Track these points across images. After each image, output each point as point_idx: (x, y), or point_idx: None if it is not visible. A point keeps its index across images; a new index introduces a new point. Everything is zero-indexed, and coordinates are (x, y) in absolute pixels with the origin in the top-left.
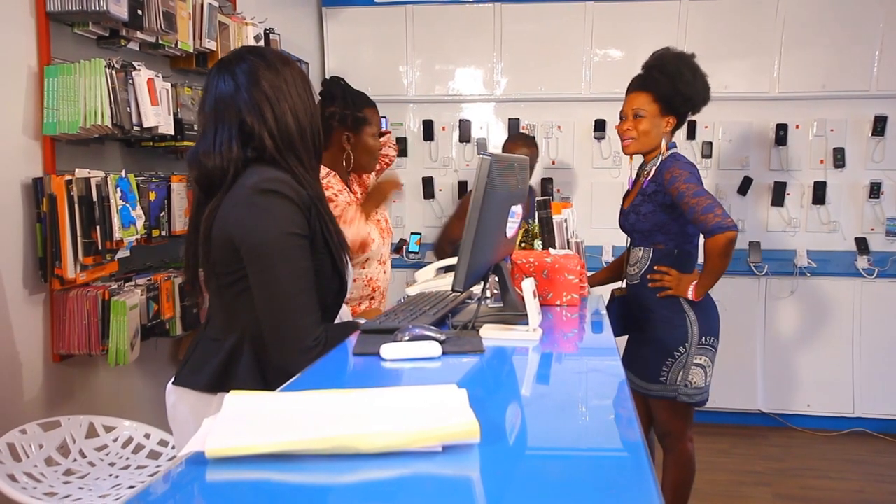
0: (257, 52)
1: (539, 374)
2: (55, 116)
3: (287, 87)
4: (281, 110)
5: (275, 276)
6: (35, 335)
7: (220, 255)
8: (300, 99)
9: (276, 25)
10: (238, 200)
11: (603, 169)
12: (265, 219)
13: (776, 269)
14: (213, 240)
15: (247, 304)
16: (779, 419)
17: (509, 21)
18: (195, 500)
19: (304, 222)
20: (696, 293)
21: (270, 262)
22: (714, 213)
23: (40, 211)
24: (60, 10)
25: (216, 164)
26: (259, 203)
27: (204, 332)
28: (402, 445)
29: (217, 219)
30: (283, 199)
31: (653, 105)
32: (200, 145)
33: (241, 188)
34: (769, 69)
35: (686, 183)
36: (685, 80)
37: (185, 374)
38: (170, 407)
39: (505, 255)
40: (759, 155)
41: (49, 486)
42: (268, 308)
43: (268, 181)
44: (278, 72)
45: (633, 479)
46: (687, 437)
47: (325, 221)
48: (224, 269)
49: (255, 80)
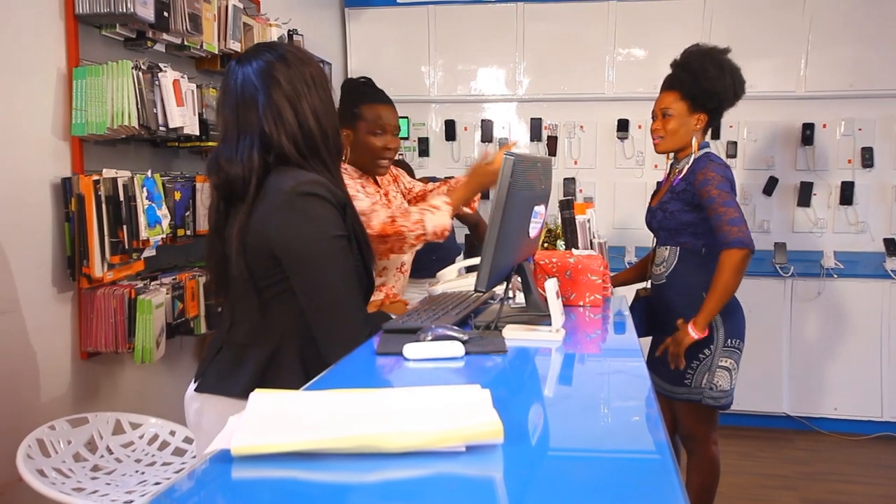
0: (276, 50)
1: (562, 374)
2: (83, 117)
3: (307, 88)
4: (302, 113)
5: (325, 281)
6: (63, 333)
7: (256, 261)
8: (320, 100)
9: (299, 26)
10: (276, 205)
11: (626, 169)
12: (308, 223)
13: (802, 270)
14: (247, 246)
15: (284, 309)
16: (805, 422)
17: (531, 21)
18: (220, 497)
19: (342, 223)
20: (699, 326)
21: (319, 267)
22: (739, 227)
23: (69, 210)
24: (89, 12)
25: (238, 173)
26: (300, 207)
27: (226, 336)
28: (426, 445)
29: (252, 226)
30: (322, 201)
31: (680, 103)
32: (222, 151)
33: (277, 192)
34: (796, 68)
35: (718, 189)
36: (710, 76)
37: (211, 380)
38: (193, 414)
39: (528, 255)
40: (785, 155)
41: (77, 482)
42: (320, 311)
43: (306, 184)
44: (298, 71)
45: (659, 482)
46: (711, 439)
47: (356, 221)
48: (260, 275)
49: (276, 80)
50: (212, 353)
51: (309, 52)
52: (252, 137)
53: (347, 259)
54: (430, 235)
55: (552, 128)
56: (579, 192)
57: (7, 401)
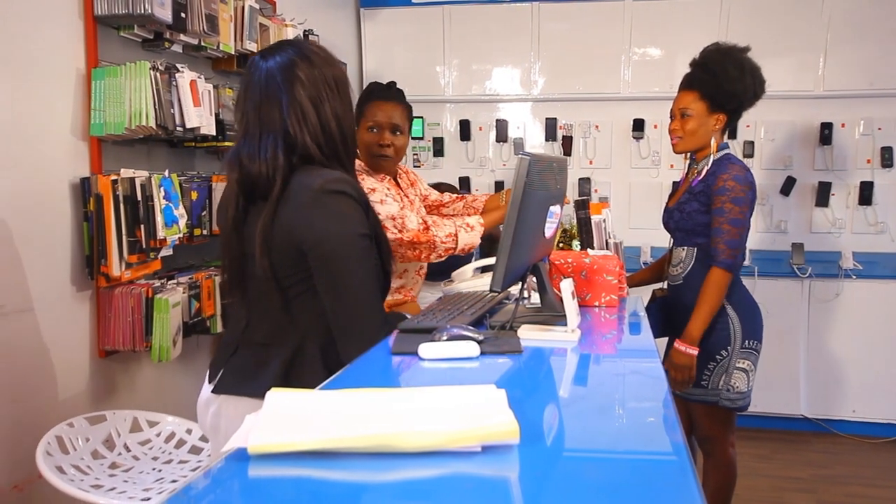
0: (301, 49)
1: (577, 375)
2: (102, 118)
3: (329, 90)
4: (325, 115)
5: (349, 278)
6: (82, 331)
7: (281, 259)
8: (341, 102)
9: (314, 26)
10: (304, 202)
11: (641, 169)
12: (337, 220)
13: (820, 271)
14: (272, 245)
15: (307, 307)
16: (823, 424)
17: (547, 20)
18: (237, 495)
19: (367, 222)
20: (690, 341)
21: (344, 264)
22: (734, 251)
23: (87, 210)
24: (107, 13)
25: (261, 171)
26: (328, 204)
27: (242, 336)
28: (442, 445)
29: (278, 224)
30: (349, 199)
31: (699, 103)
32: (244, 147)
33: (306, 190)
34: (814, 67)
35: (732, 203)
36: (730, 76)
37: (229, 381)
38: (210, 416)
39: (543, 255)
40: (802, 154)
41: (95, 479)
42: (341, 309)
43: (333, 182)
44: (322, 72)
45: (676, 483)
46: (728, 441)
47: (376, 221)
48: (283, 273)
49: (299, 80)
50: (227, 354)
51: (332, 53)
52: (275, 136)
53: (370, 258)
54: (458, 251)
55: (567, 127)
56: (594, 192)
57: (27, 398)
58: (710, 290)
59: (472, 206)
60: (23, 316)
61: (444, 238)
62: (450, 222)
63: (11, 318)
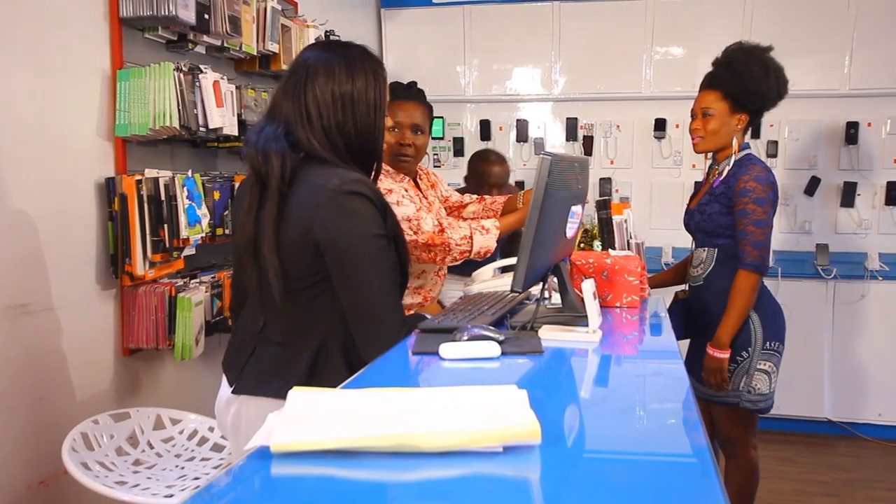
0: (331, 55)
1: (599, 376)
2: (126, 118)
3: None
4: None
5: (368, 279)
6: (106, 329)
7: (297, 259)
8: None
9: (336, 27)
10: (320, 202)
11: (663, 169)
12: (353, 221)
13: (845, 272)
14: (289, 242)
15: (326, 307)
16: (847, 428)
17: (568, 19)
18: (260, 492)
19: (383, 223)
20: (720, 345)
21: (363, 265)
22: (760, 251)
23: (112, 210)
24: (132, 15)
25: (258, 151)
26: (346, 205)
27: (260, 335)
28: (463, 445)
29: (291, 222)
30: (365, 200)
31: (721, 103)
32: (252, 134)
33: (321, 189)
34: (839, 65)
35: (755, 204)
36: (754, 76)
37: (250, 382)
38: (231, 416)
39: (564, 255)
40: (827, 154)
41: (119, 475)
42: (360, 309)
43: (350, 182)
44: (342, 82)
45: (699, 486)
46: (750, 444)
47: (395, 222)
48: (302, 273)
49: (313, 85)
50: (245, 354)
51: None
52: (278, 128)
53: (387, 258)
54: (474, 254)
55: (588, 127)
56: (615, 193)
57: (53, 395)
58: (739, 293)
59: (491, 209)
60: (49, 314)
61: (458, 240)
62: (465, 224)
63: (38, 316)
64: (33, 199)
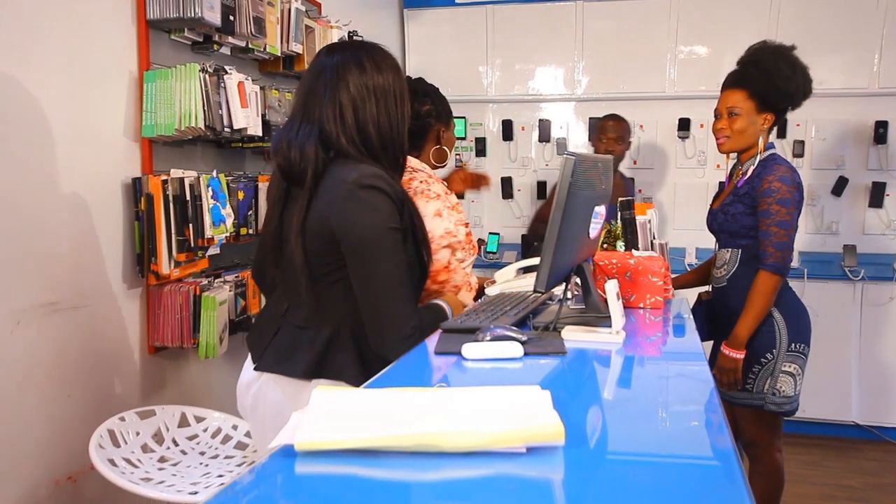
0: (357, 53)
1: (622, 377)
2: (153, 119)
3: (374, 98)
4: (363, 119)
5: (377, 269)
6: (132, 328)
7: (317, 247)
8: (385, 111)
9: (359, 27)
10: (339, 195)
11: (687, 169)
12: (369, 214)
13: (874, 273)
14: (308, 232)
15: (342, 294)
16: (875, 432)
17: (591, 19)
18: (284, 490)
19: (398, 216)
20: (736, 345)
21: (373, 256)
22: (783, 253)
23: (138, 209)
24: (159, 17)
25: (294, 158)
26: (362, 198)
27: (283, 318)
28: (487, 445)
29: (313, 212)
30: (382, 194)
31: (748, 102)
32: (285, 132)
33: (341, 183)
34: (868, 63)
35: (779, 204)
36: (783, 75)
37: (270, 360)
38: (250, 396)
39: (587, 255)
40: (855, 154)
41: (145, 472)
42: (369, 298)
43: (368, 177)
44: (370, 78)
45: (724, 489)
46: (775, 447)
47: (414, 217)
48: (320, 261)
49: (345, 83)
50: (270, 334)
51: (389, 62)
52: (312, 129)
53: (399, 252)
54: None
55: None
56: (638, 193)
57: (81, 392)
58: (759, 294)
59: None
60: (77, 312)
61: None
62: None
63: (66, 314)
64: (62, 198)
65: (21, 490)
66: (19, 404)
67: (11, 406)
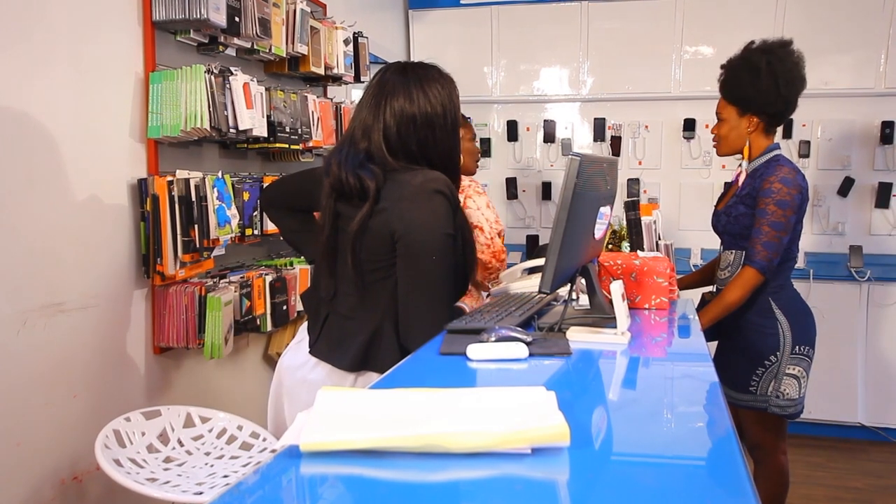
0: (411, 81)
1: (627, 378)
2: (159, 120)
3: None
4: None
5: (431, 272)
6: (138, 328)
7: (374, 244)
8: (434, 136)
9: (364, 28)
10: (403, 195)
11: (692, 169)
12: (431, 218)
13: (880, 274)
14: (368, 230)
15: (388, 289)
16: (881, 433)
17: (596, 19)
18: (290, 490)
19: (454, 222)
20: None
21: (429, 259)
22: (770, 253)
23: (144, 210)
24: (165, 18)
25: (349, 181)
26: (424, 201)
27: (331, 305)
28: (492, 446)
29: (376, 212)
30: (444, 199)
31: (729, 108)
32: (336, 154)
33: (406, 185)
34: (875, 63)
35: (776, 206)
36: (743, 81)
37: (323, 348)
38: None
39: (592, 256)
40: (861, 154)
41: (150, 472)
42: (410, 295)
43: (433, 181)
44: (417, 107)
45: (730, 491)
46: (779, 449)
47: (465, 223)
48: (373, 257)
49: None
50: (321, 319)
51: (445, 83)
52: (361, 152)
53: (453, 256)
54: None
55: (616, 128)
56: (643, 193)
57: (87, 392)
58: (737, 286)
59: None
60: (83, 313)
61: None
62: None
63: (72, 314)
64: (68, 199)
65: (27, 490)
66: (25, 404)
67: (18, 406)
